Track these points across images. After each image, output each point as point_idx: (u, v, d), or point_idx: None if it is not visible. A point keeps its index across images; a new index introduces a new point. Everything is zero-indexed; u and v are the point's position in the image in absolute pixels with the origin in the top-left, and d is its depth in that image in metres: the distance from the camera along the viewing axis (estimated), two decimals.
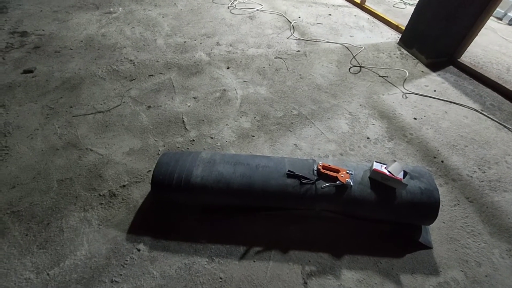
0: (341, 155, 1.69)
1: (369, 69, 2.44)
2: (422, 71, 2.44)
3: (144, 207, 1.38)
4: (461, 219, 1.38)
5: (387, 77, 2.35)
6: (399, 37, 2.84)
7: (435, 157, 1.69)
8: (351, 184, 1.18)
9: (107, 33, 2.78)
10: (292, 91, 2.17)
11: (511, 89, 2.15)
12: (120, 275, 1.15)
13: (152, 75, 2.26)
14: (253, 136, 1.78)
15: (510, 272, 1.20)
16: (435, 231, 1.33)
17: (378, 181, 1.21)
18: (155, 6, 3.37)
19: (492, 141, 1.80)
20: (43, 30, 2.78)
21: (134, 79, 2.21)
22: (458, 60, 2.51)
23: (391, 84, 2.28)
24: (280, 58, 2.54)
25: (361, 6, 3.57)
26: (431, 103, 2.09)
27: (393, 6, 3.74)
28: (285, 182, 1.21)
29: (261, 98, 2.09)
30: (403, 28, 2.79)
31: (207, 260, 1.20)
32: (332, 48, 2.73)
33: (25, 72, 2.22)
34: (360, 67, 2.47)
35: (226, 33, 2.89)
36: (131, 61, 2.41)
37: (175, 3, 3.46)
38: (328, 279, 1.16)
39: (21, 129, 1.76)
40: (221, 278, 1.15)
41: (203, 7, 3.41)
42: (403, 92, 2.19)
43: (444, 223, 1.36)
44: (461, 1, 2.10)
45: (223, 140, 1.75)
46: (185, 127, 1.82)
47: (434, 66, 2.49)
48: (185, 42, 2.70)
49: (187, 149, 1.69)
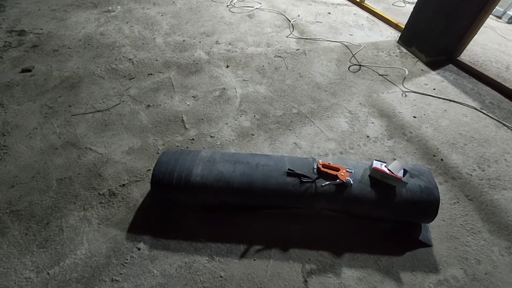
0: (341, 153, 1.69)
1: (368, 68, 2.44)
2: (422, 69, 2.44)
3: (144, 206, 1.38)
4: (461, 217, 1.39)
5: (386, 75, 2.35)
6: (399, 35, 2.84)
7: (434, 155, 1.69)
8: (351, 182, 1.18)
9: (105, 32, 2.76)
10: (291, 89, 2.17)
11: (510, 87, 2.15)
12: (121, 274, 1.15)
13: (151, 74, 2.25)
14: (253, 135, 1.78)
15: (509, 270, 1.21)
16: (434, 229, 1.33)
17: (378, 179, 1.21)
18: (154, 4, 3.36)
19: (492, 139, 1.81)
20: (41, 29, 2.76)
21: (133, 78, 2.20)
22: (458, 58, 2.51)
23: (391, 82, 2.28)
24: (280, 57, 2.53)
25: (360, 4, 3.57)
26: (431, 102, 2.10)
27: (392, 5, 3.73)
28: (285, 181, 1.21)
29: (260, 96, 2.09)
30: (403, 27, 2.79)
31: (207, 258, 1.20)
32: (332, 47, 2.72)
33: (23, 71, 2.21)
34: (360, 65, 2.46)
35: (225, 31, 2.88)
36: (130, 60, 2.40)
37: (174, 2, 3.45)
38: (329, 277, 1.16)
39: (20, 128, 1.75)
40: (221, 277, 1.15)
41: (202, 5, 3.40)
42: (402, 91, 2.19)
43: (443, 221, 1.37)
44: None
45: (222, 139, 1.75)
46: (184, 126, 1.82)
47: (434, 64, 2.49)
48: (184, 41, 2.69)
49: (187, 148, 1.68)
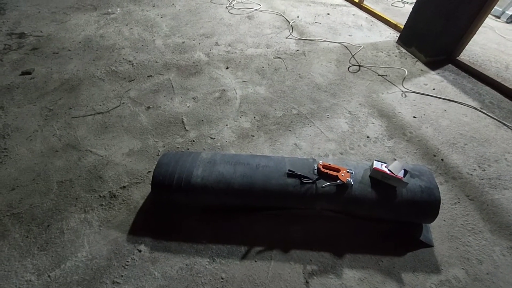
0: (341, 154, 1.69)
1: (368, 68, 2.44)
2: (421, 69, 2.44)
3: (144, 208, 1.38)
4: (462, 217, 1.39)
5: (386, 76, 2.36)
6: (398, 36, 2.85)
7: (435, 156, 1.69)
8: (352, 183, 1.18)
9: (105, 34, 2.77)
10: (291, 90, 2.17)
11: (510, 87, 2.15)
12: (121, 276, 1.14)
13: (151, 76, 2.25)
14: (253, 136, 1.78)
15: (511, 270, 1.20)
16: (435, 229, 1.33)
17: (378, 180, 1.21)
18: (153, 6, 3.36)
19: (492, 139, 1.81)
20: (41, 32, 2.77)
21: (133, 80, 2.20)
22: (457, 58, 2.52)
23: (390, 83, 2.28)
24: (279, 58, 2.54)
25: (359, 5, 3.57)
26: (430, 102, 2.10)
27: (391, 5, 3.74)
28: (285, 182, 1.21)
29: (260, 98, 2.09)
30: (402, 27, 2.79)
31: (208, 260, 1.20)
32: (331, 48, 2.73)
33: (23, 73, 2.21)
34: (359, 66, 2.47)
35: (225, 33, 2.88)
36: (129, 62, 2.40)
37: (173, 4, 3.46)
38: (330, 278, 1.16)
39: (20, 131, 1.75)
40: (222, 278, 1.15)
41: (201, 7, 3.40)
42: (402, 91, 2.19)
43: (444, 221, 1.37)
44: None
45: (223, 140, 1.75)
46: (184, 128, 1.82)
47: (433, 64, 2.50)
48: (183, 43, 2.69)
49: (187, 149, 1.68)
